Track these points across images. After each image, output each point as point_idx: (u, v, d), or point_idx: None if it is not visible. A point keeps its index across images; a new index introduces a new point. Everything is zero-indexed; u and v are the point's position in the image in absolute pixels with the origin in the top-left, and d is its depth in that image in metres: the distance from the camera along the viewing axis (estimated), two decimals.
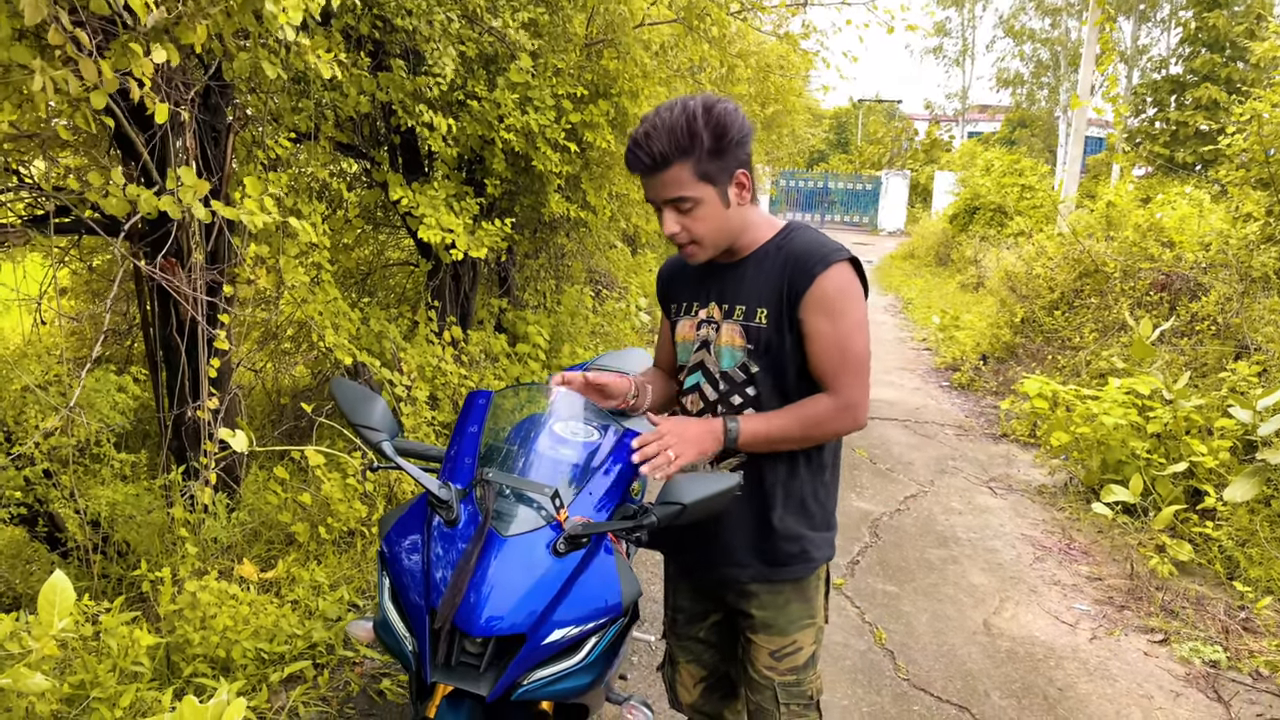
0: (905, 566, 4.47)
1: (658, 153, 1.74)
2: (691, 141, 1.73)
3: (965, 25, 35.52)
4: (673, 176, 1.76)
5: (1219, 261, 6.83)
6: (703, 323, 1.97)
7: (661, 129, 1.73)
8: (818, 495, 1.97)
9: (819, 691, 2.03)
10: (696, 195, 1.77)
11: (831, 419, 1.82)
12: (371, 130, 5.21)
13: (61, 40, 2.13)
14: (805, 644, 1.99)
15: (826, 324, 1.79)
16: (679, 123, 1.72)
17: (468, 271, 6.05)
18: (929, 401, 8.00)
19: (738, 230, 1.87)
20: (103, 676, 2.62)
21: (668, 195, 1.79)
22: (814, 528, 1.96)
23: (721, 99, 1.78)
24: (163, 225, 3.34)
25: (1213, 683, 3.51)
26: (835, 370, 1.81)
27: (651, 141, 1.74)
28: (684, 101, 1.76)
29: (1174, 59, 20.92)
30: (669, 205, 1.81)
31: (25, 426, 3.83)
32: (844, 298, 1.80)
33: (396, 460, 1.97)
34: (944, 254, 17.50)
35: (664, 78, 6.46)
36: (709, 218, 1.81)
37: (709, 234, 1.83)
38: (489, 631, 1.72)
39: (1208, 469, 4.78)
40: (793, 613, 1.97)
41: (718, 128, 1.73)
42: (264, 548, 3.96)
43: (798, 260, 1.82)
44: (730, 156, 1.77)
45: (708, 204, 1.79)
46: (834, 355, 1.80)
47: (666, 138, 1.73)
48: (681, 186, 1.77)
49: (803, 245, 1.84)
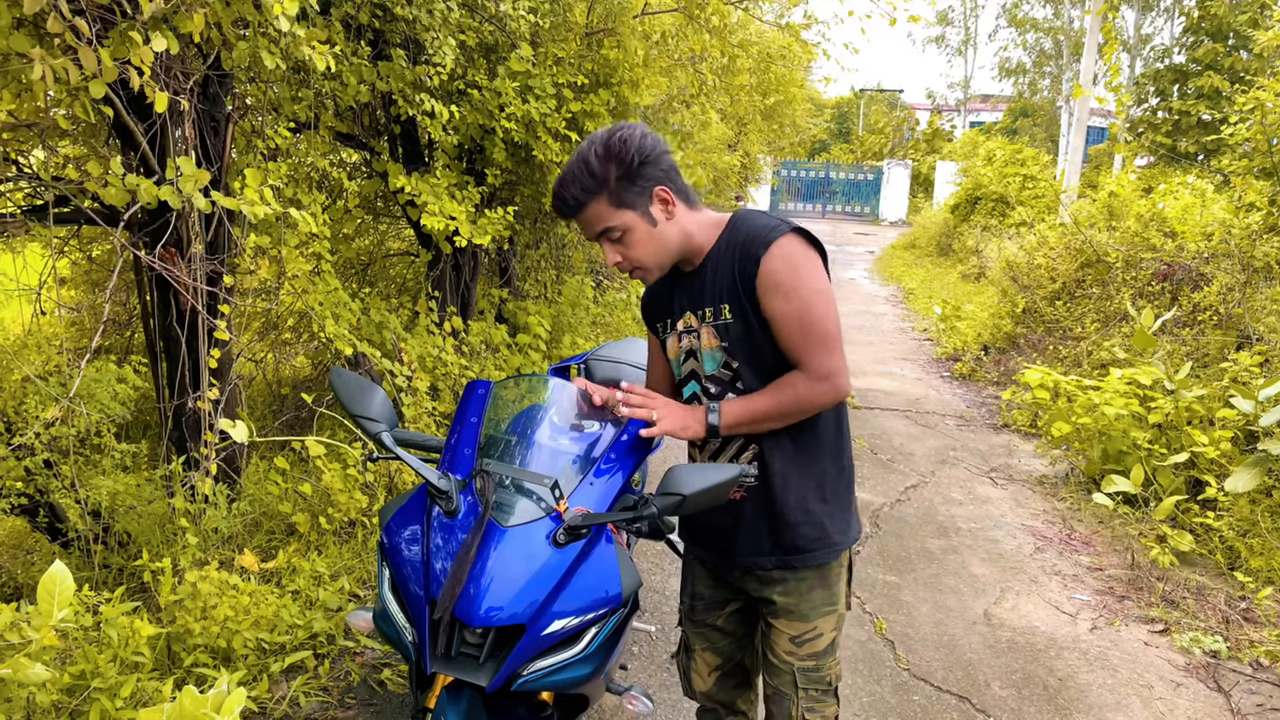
0: (906, 557, 4.47)
1: (570, 198, 1.83)
2: (594, 180, 1.80)
3: (968, 14, 35.43)
4: (592, 214, 1.84)
5: (1221, 251, 6.81)
6: (683, 334, 2.00)
7: (569, 176, 1.82)
8: (834, 479, 1.97)
9: (838, 678, 2.05)
10: (620, 224, 1.83)
11: (809, 394, 1.81)
12: (371, 120, 5.20)
13: (61, 28, 2.12)
14: (826, 630, 2.00)
15: (781, 302, 1.79)
16: (580, 168, 1.81)
17: (468, 262, 6.05)
18: (930, 392, 8.00)
19: (678, 243, 1.89)
20: (103, 667, 2.62)
21: (596, 230, 1.86)
22: (833, 512, 1.97)
23: (624, 127, 1.83)
24: (162, 215, 3.33)
25: (1213, 673, 3.51)
26: (800, 345, 1.80)
27: (565, 189, 1.83)
28: (584, 145, 1.84)
29: (1177, 48, 20.84)
30: (602, 238, 1.87)
31: (26, 416, 3.83)
32: (793, 272, 1.78)
33: (396, 451, 1.97)
34: (945, 244, 17.47)
35: (664, 67, 6.45)
36: (641, 240, 1.85)
37: (648, 255, 1.88)
38: (489, 622, 1.72)
39: (1209, 459, 4.78)
40: (815, 599, 1.98)
41: (619, 157, 1.79)
42: (264, 538, 3.96)
43: (741, 247, 1.83)
44: (641, 179, 1.81)
45: (636, 229, 1.84)
46: (796, 331, 1.80)
47: (574, 183, 1.81)
48: (603, 220, 1.83)
49: (745, 232, 1.85)
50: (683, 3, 5.94)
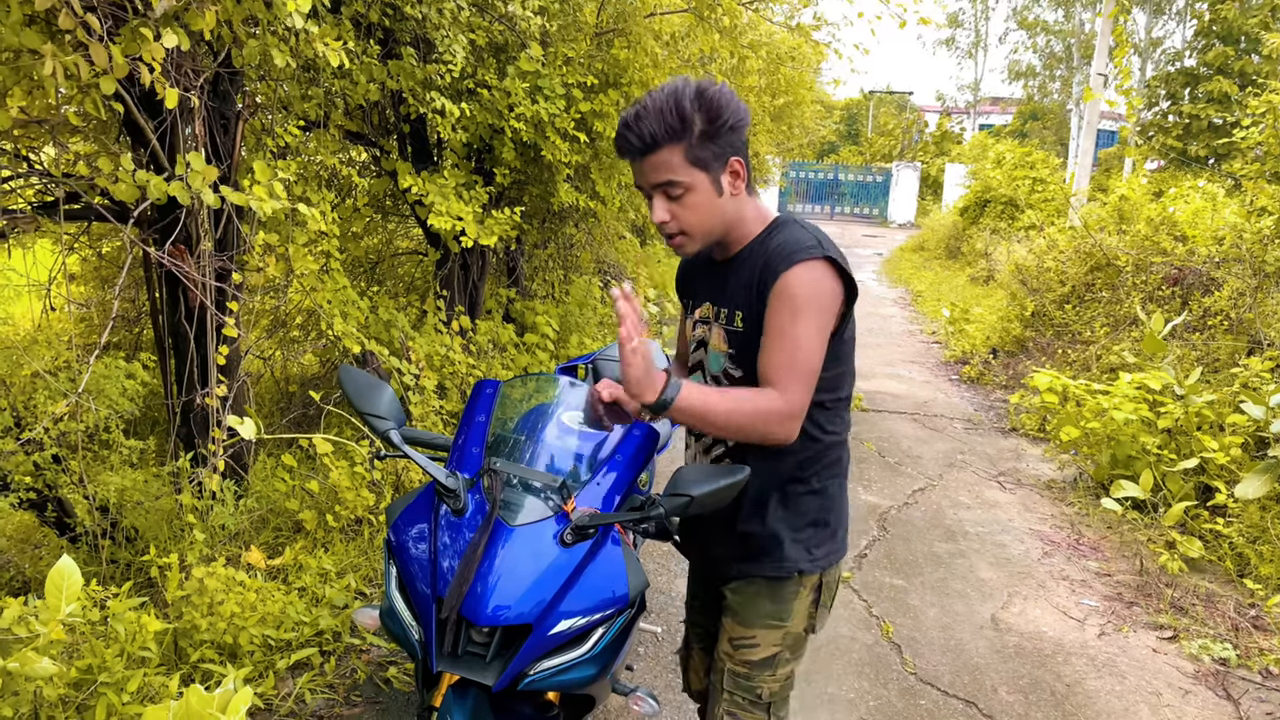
0: (913, 560, 4.45)
1: (647, 134, 1.66)
2: (682, 124, 1.64)
3: (978, 17, 35.31)
4: (662, 160, 1.67)
5: (1232, 256, 6.77)
6: (698, 322, 1.93)
7: (651, 110, 1.65)
8: (806, 498, 1.88)
9: (773, 695, 1.94)
10: (687, 181, 1.68)
11: (767, 418, 1.66)
12: (381, 119, 5.21)
13: (72, 25, 2.12)
14: (765, 643, 1.91)
15: (785, 319, 1.66)
16: (669, 104, 1.64)
17: (476, 261, 6.05)
18: (938, 395, 7.97)
19: (730, 222, 1.77)
20: (110, 661, 2.62)
21: (657, 179, 1.70)
22: (800, 533, 1.87)
23: (716, 83, 1.70)
24: (171, 212, 3.34)
25: (1222, 680, 3.49)
26: (784, 369, 1.66)
27: (641, 123, 1.66)
28: (676, 83, 1.67)
29: (1188, 51, 20.75)
30: (658, 191, 1.71)
31: (35, 412, 3.84)
32: (807, 298, 1.65)
33: (404, 449, 1.96)
34: (954, 247, 17.42)
35: (674, 68, 6.44)
36: (700, 206, 1.71)
37: (699, 223, 1.73)
38: (495, 621, 1.72)
39: (1219, 465, 4.75)
40: (760, 608, 1.91)
41: (711, 110, 1.65)
42: (271, 535, 3.97)
43: (770, 257, 1.71)
44: (724, 141, 1.68)
45: (699, 191, 1.70)
46: (784, 354, 1.66)
47: (656, 119, 1.64)
48: (672, 170, 1.67)
49: (779, 242, 1.73)
50: (693, 3, 5.93)
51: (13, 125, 3.00)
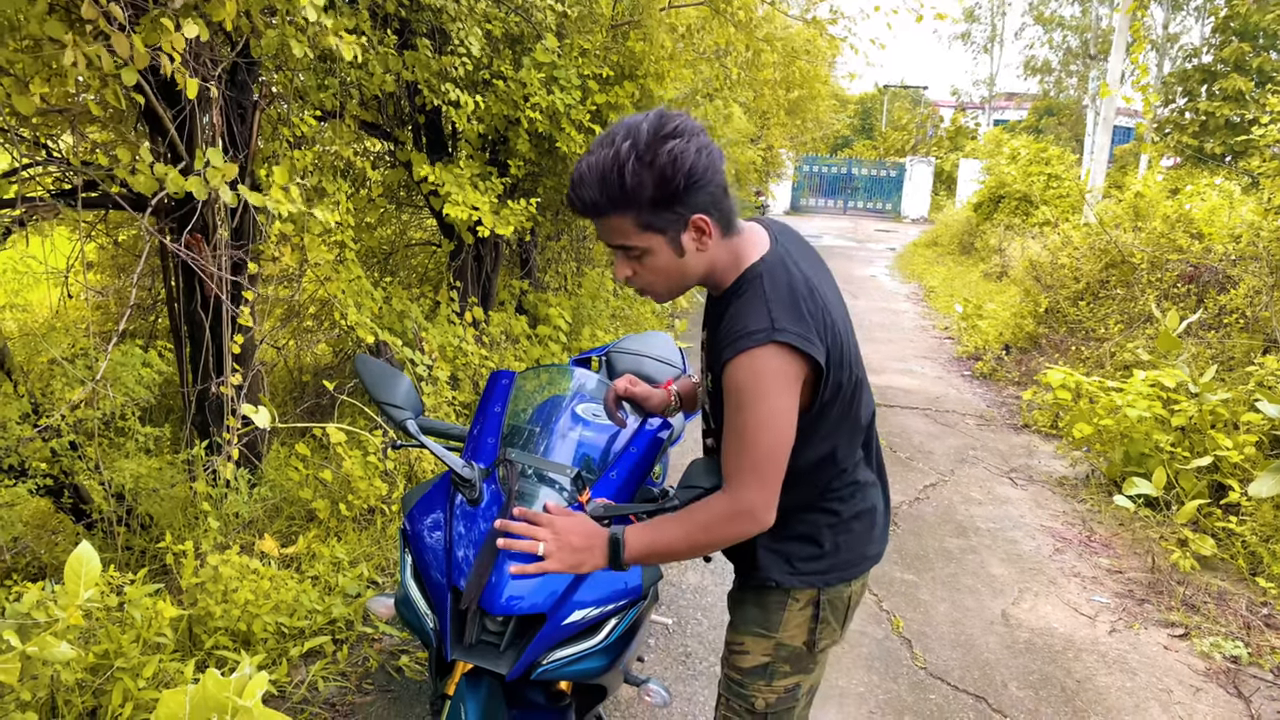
0: (924, 555, 4.45)
1: (589, 202, 1.53)
2: (623, 192, 1.49)
3: (994, 11, 35.10)
4: (612, 225, 1.55)
5: (1249, 254, 6.73)
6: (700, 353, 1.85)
7: (592, 176, 1.50)
8: (804, 519, 1.78)
9: (769, 707, 1.85)
10: (641, 245, 1.56)
11: (724, 522, 1.58)
12: (396, 109, 5.22)
13: (95, 15, 2.13)
14: (754, 650, 1.84)
15: (732, 412, 1.57)
16: (611, 170, 1.48)
17: (490, 252, 6.06)
18: (950, 391, 7.95)
19: (700, 275, 1.64)
20: (126, 647, 2.65)
21: (611, 242, 1.59)
22: (779, 544, 1.78)
23: (679, 133, 1.49)
24: (189, 201, 3.35)
25: (1233, 678, 3.48)
26: (732, 464, 1.58)
27: (582, 189, 1.52)
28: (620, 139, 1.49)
29: (1205, 48, 20.59)
30: (617, 250, 1.61)
31: (52, 399, 3.87)
32: (749, 391, 1.53)
33: (420, 438, 1.98)
34: (968, 242, 17.35)
35: (689, 60, 6.44)
36: (659, 267, 1.59)
37: (661, 282, 1.63)
38: (510, 610, 1.73)
39: (1233, 463, 4.73)
40: (747, 615, 1.86)
41: (660, 175, 1.48)
42: (285, 523, 4.00)
43: (723, 336, 1.59)
44: (682, 205, 1.52)
45: (656, 253, 1.57)
46: (732, 447, 1.58)
47: (597, 187, 1.50)
48: (624, 236, 1.56)
49: (732, 316, 1.59)
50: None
51: (33, 113, 3.02)
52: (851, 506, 1.80)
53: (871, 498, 1.85)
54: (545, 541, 1.54)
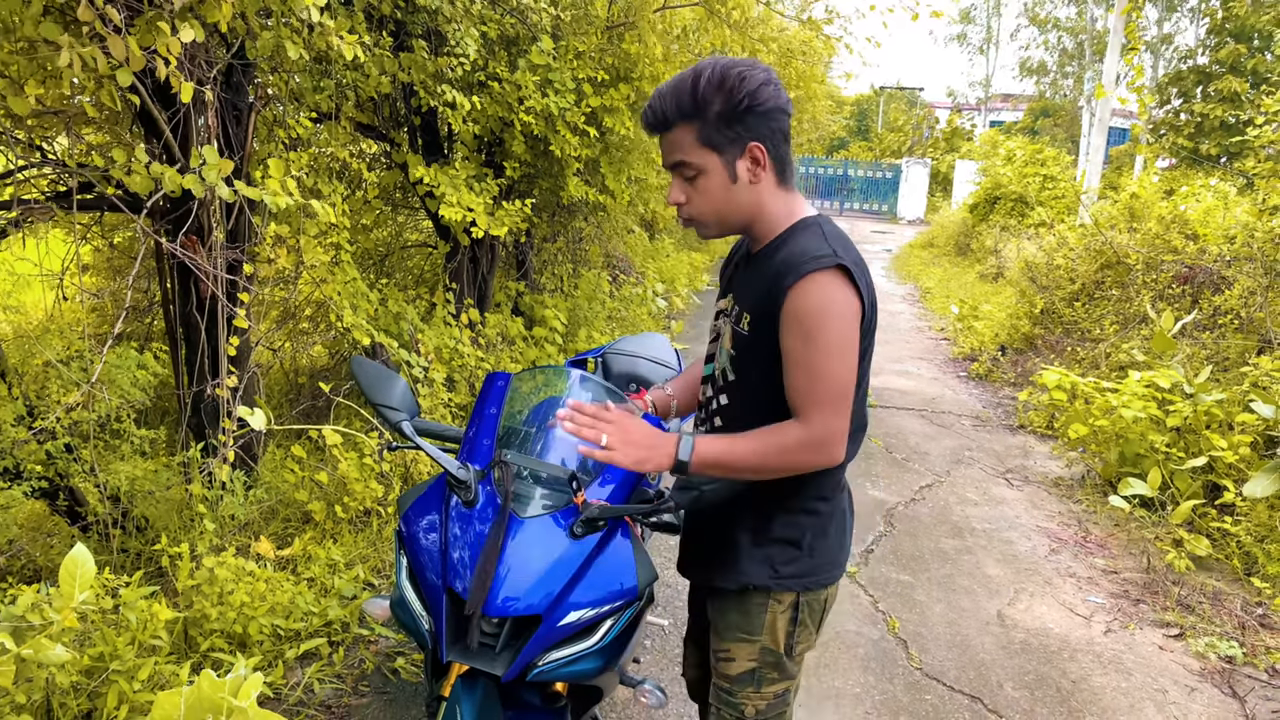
0: (920, 556, 4.46)
1: (660, 112, 1.64)
2: (695, 104, 1.59)
3: (990, 12, 35.18)
4: (676, 139, 1.64)
5: (1244, 255, 6.74)
6: (720, 313, 1.87)
7: (668, 88, 1.63)
8: (788, 521, 1.78)
9: (759, 714, 1.85)
10: (698, 163, 1.63)
11: (798, 451, 1.60)
12: (392, 111, 5.22)
13: (91, 17, 2.13)
14: (739, 657, 1.84)
15: (797, 343, 1.59)
16: (685, 83, 1.60)
17: (485, 254, 6.06)
18: (946, 391, 7.97)
19: (747, 212, 1.69)
20: (121, 649, 2.64)
21: (670, 159, 1.67)
22: (762, 547, 1.79)
23: (750, 64, 1.61)
24: (184, 203, 3.35)
25: (1228, 678, 3.49)
26: (804, 397, 1.59)
27: (660, 100, 1.64)
28: (702, 63, 1.62)
29: (1200, 49, 20.64)
30: (674, 170, 1.68)
31: (48, 401, 3.86)
32: (819, 315, 1.57)
33: (416, 440, 1.98)
34: (964, 243, 17.37)
35: (685, 62, 6.43)
36: (711, 190, 1.65)
37: (710, 209, 1.68)
38: (506, 612, 1.73)
39: (1227, 464, 4.74)
40: (730, 621, 1.86)
41: (730, 91, 1.58)
42: (281, 525, 3.99)
43: (779, 268, 1.62)
44: (743, 125, 1.60)
45: (711, 174, 1.64)
46: (802, 380, 1.59)
47: (672, 97, 1.61)
48: (683, 151, 1.63)
49: (794, 248, 1.64)
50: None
51: (28, 115, 3.02)
52: (832, 506, 1.82)
53: (845, 501, 1.89)
54: (609, 435, 1.59)
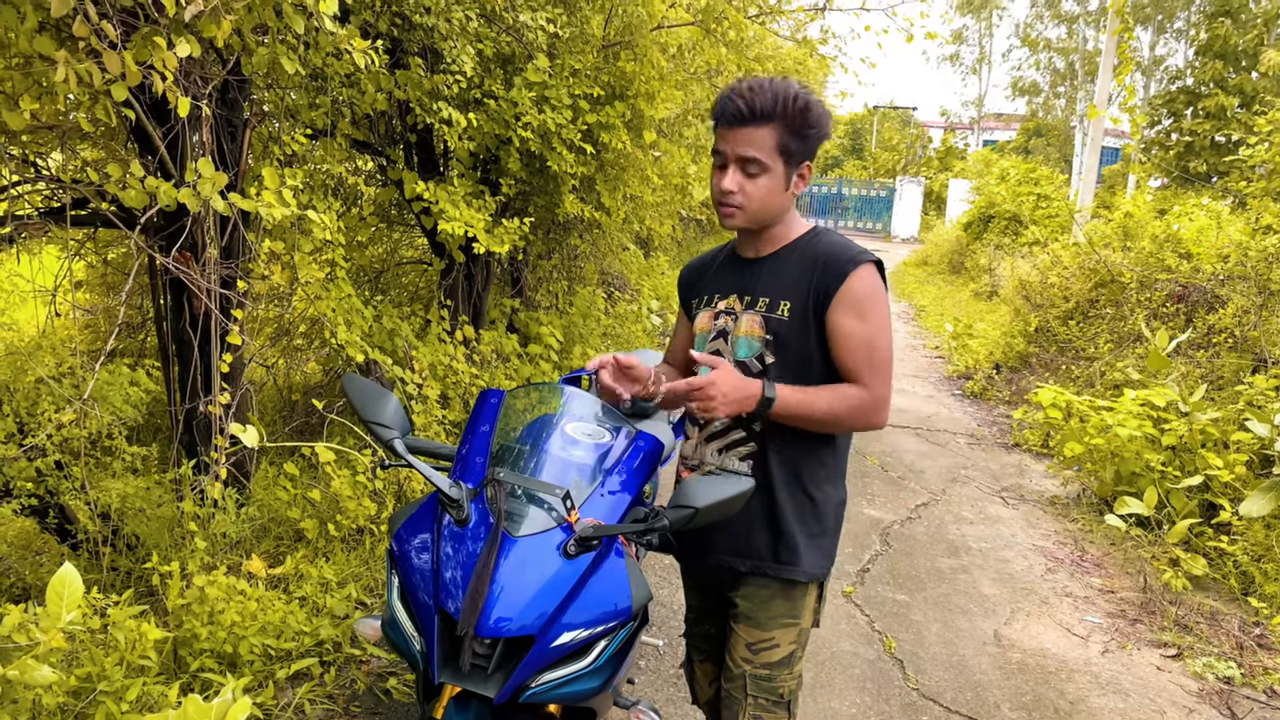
0: (916, 575, 4.44)
1: (759, 107, 1.78)
2: (787, 109, 1.78)
3: (982, 33, 35.40)
4: (757, 136, 1.80)
5: (1237, 274, 6.77)
6: (721, 313, 2.00)
7: (769, 88, 1.78)
8: (821, 508, 1.98)
9: (792, 692, 2.01)
10: (769, 163, 1.82)
11: (859, 410, 1.85)
12: (388, 128, 5.22)
13: (87, 32, 2.13)
14: (783, 642, 1.98)
15: (857, 323, 1.84)
16: (787, 92, 1.78)
17: (480, 271, 6.05)
18: (941, 410, 7.96)
19: (776, 216, 1.91)
20: (110, 670, 2.61)
21: (742, 152, 1.81)
22: (811, 537, 1.97)
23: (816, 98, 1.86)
24: (178, 219, 3.34)
25: (1226, 699, 3.46)
26: (865, 366, 1.84)
27: (756, 94, 1.78)
28: (789, 81, 1.82)
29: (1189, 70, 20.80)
30: (737, 163, 1.83)
31: (38, 418, 3.83)
32: (873, 298, 1.85)
33: (408, 458, 1.96)
34: (958, 262, 17.43)
35: (681, 80, 6.46)
36: (765, 188, 1.84)
37: (759, 204, 1.86)
38: (498, 632, 1.71)
39: (1223, 483, 4.74)
40: (775, 609, 1.97)
41: (812, 115, 1.80)
42: (273, 543, 3.96)
43: (828, 259, 1.87)
44: (809, 144, 1.84)
45: (773, 176, 1.84)
46: (863, 352, 1.84)
47: (770, 97, 1.77)
48: (758, 148, 1.80)
49: (831, 245, 1.90)
50: (700, 16, 5.95)
51: (22, 130, 3.01)
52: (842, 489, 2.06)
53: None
54: (715, 398, 1.77)
